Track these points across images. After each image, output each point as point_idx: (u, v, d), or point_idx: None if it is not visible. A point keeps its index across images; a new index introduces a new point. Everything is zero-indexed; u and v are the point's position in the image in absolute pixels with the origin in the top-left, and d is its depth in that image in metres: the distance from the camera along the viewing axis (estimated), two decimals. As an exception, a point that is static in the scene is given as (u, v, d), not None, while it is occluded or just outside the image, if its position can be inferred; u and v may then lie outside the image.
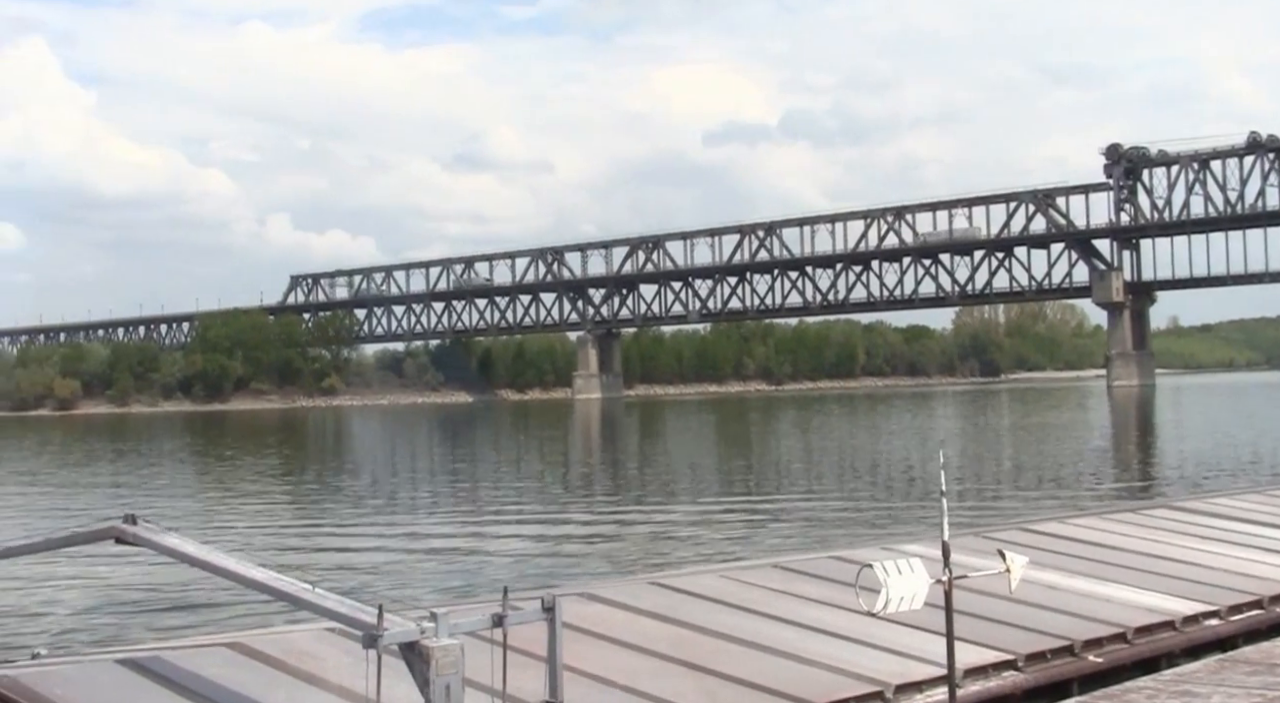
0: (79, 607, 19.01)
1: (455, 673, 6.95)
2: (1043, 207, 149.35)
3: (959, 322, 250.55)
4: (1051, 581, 11.72)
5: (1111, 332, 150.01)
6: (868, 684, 9.37)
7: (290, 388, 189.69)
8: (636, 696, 8.93)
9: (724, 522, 29.24)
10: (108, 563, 21.53)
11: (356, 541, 27.95)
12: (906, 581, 6.63)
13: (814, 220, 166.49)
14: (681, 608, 10.85)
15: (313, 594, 7.73)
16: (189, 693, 8.34)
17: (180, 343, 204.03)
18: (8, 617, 17.74)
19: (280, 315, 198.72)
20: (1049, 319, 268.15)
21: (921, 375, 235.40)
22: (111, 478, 50.83)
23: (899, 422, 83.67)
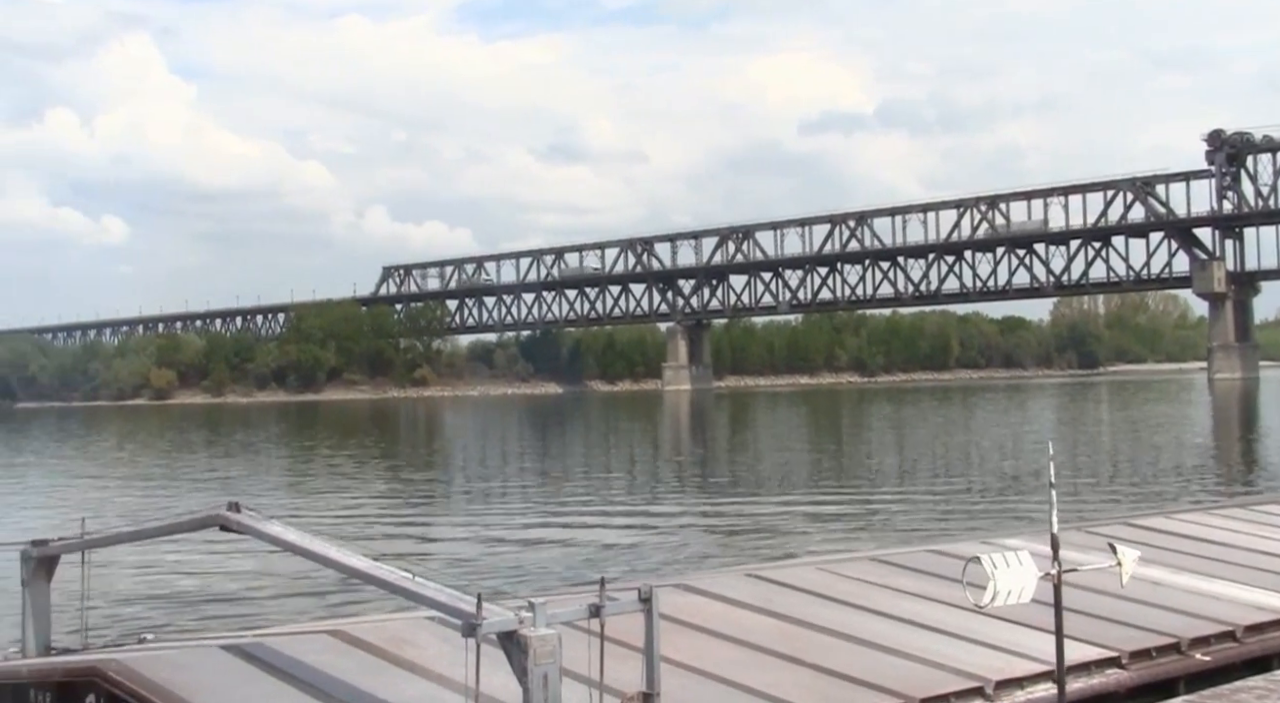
0: (184, 593, 19.33)
1: (553, 663, 6.95)
2: (1141, 195, 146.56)
3: (1057, 313, 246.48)
4: (1157, 577, 11.49)
5: (1213, 323, 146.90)
6: (968, 680, 9.24)
7: (382, 378, 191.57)
8: (733, 687, 8.88)
9: (816, 515, 29.07)
10: (212, 550, 21.87)
11: (450, 530, 28.14)
12: (1014, 574, 6.52)
13: (906, 210, 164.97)
14: (778, 600, 10.78)
15: (412, 583, 7.77)
16: (291, 679, 8.42)
17: (275, 334, 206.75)
18: (116, 602, 18.06)
19: (373, 306, 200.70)
20: (1150, 310, 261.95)
21: (1017, 367, 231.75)
22: (208, 467, 51.65)
23: (993, 415, 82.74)
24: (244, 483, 42.45)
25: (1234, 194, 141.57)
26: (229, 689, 8.24)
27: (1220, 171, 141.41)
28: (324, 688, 8.31)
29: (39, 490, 42.40)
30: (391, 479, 44.08)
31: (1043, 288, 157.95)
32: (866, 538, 23.89)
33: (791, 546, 23.29)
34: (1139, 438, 55.02)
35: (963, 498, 32.48)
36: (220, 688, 8.22)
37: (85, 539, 10.07)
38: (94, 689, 8.31)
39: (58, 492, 41.44)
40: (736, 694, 8.79)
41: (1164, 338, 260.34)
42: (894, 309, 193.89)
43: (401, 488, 40.36)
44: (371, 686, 8.37)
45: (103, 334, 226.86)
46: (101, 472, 51.15)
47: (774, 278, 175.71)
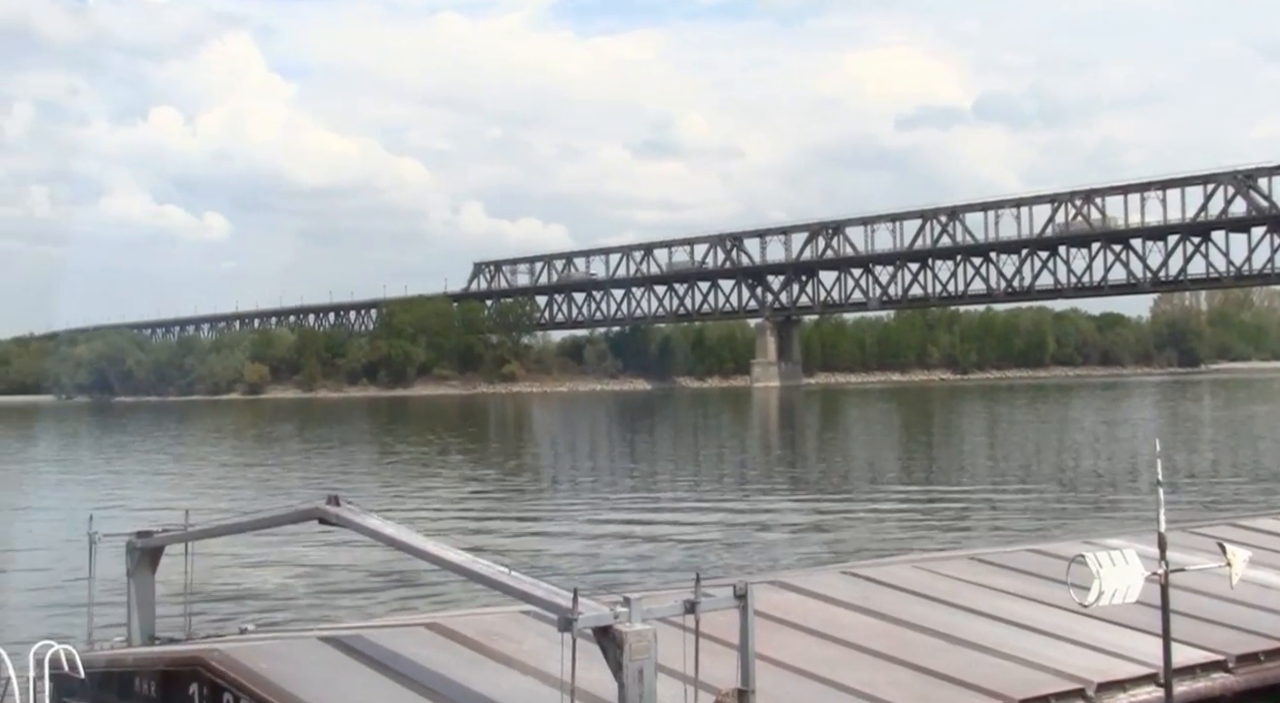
0: (284, 585, 19.61)
1: (648, 658, 6.94)
2: (1243, 188, 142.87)
3: (1157, 309, 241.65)
4: (1265, 579, 11.23)
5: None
6: (1068, 681, 9.09)
7: (471, 374, 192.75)
8: (829, 686, 8.81)
9: (908, 513, 28.86)
10: (312, 543, 22.17)
11: (541, 526, 28.28)
12: (1119, 573, 6.41)
13: (998, 205, 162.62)
14: (874, 598, 10.69)
15: (508, 577, 7.79)
16: (388, 671, 8.49)
17: (368, 330, 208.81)
18: (218, 593, 18.34)
19: (463, 302, 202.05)
20: (1255, 307, 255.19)
21: (1115, 365, 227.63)
22: (300, 462, 52.28)
23: (1089, 413, 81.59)
24: (336, 478, 42.96)
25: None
26: (327, 680, 8.32)
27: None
28: (420, 680, 8.37)
29: (141, 484, 43.19)
30: (482, 475, 44.37)
31: (1139, 284, 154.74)
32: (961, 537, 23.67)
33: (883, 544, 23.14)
34: (1239, 438, 53.97)
35: (1058, 497, 32.07)
36: (319, 679, 8.31)
37: (188, 531, 10.23)
38: (197, 679, 8.43)
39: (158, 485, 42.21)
40: (832, 693, 8.73)
41: (1269, 335, 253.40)
42: (987, 306, 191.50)
43: (492, 483, 40.63)
44: (467, 679, 8.41)
45: (200, 330, 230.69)
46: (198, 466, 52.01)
47: (864, 274, 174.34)
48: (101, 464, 53.94)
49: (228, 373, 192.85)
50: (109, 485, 41.77)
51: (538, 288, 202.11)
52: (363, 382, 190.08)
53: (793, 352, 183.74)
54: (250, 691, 8.05)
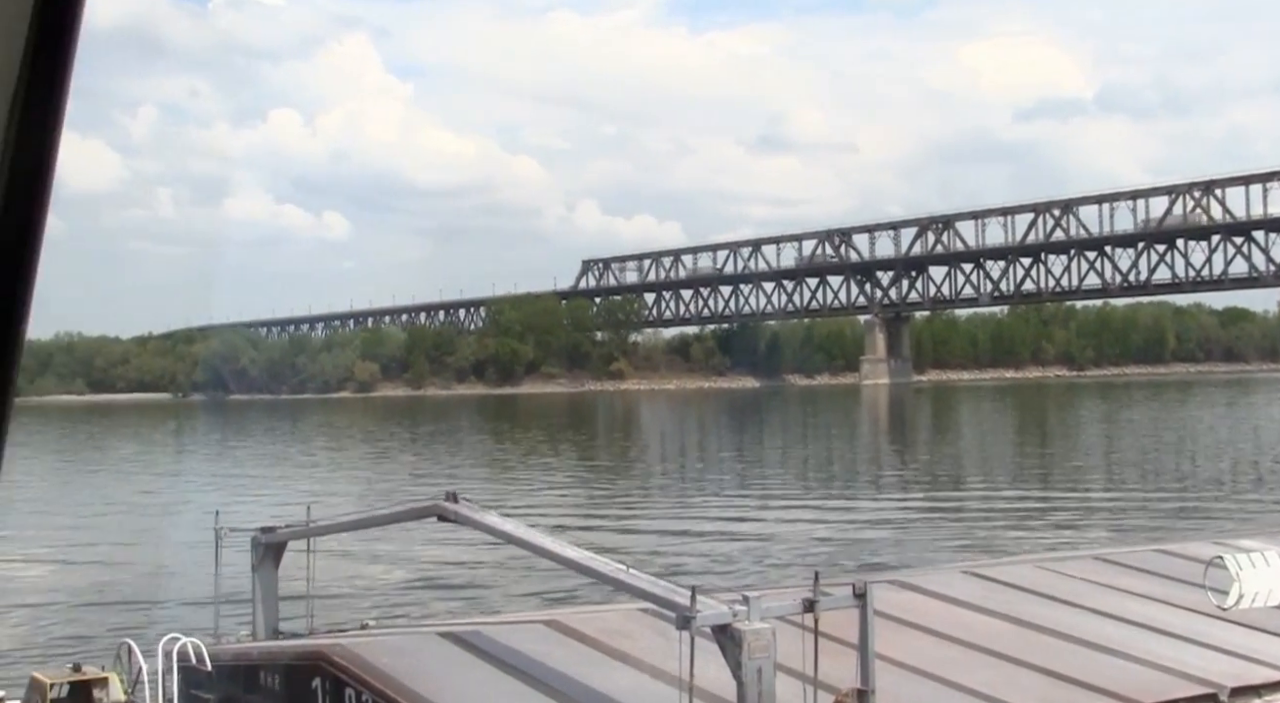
0: (404, 581, 19.82)
1: (767, 657, 6.89)
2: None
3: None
4: None
5: None
6: (1199, 686, 8.85)
7: (578, 372, 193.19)
8: (950, 687, 8.68)
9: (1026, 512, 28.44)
10: (430, 540, 22.39)
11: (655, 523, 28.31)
12: (1262, 576, 6.25)
13: (1114, 197, 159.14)
14: (997, 599, 10.52)
15: (626, 575, 7.79)
16: (506, 667, 8.53)
17: (478, 327, 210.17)
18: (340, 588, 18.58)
19: (571, 300, 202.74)
20: None
21: (1239, 361, 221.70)
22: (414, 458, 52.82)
23: (1212, 411, 79.71)
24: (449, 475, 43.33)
25: None
26: (447, 676, 8.37)
27: None
28: (539, 677, 8.39)
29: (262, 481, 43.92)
30: (593, 473, 44.51)
31: (1262, 277, 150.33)
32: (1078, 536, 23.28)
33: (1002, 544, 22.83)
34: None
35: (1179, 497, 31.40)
36: (439, 674, 8.36)
37: (310, 527, 10.37)
38: (319, 673, 8.53)
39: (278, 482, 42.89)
40: (953, 694, 8.60)
41: None
42: (1104, 301, 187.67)
43: (603, 481, 40.74)
44: (586, 676, 8.42)
45: (314, 328, 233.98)
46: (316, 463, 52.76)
47: (975, 268, 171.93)
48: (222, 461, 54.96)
49: (338, 371, 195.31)
50: (232, 482, 42.54)
51: (646, 285, 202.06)
52: (471, 380, 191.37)
53: (902, 348, 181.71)
54: (371, 685, 8.14)
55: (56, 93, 1.29)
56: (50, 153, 1.31)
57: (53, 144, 1.31)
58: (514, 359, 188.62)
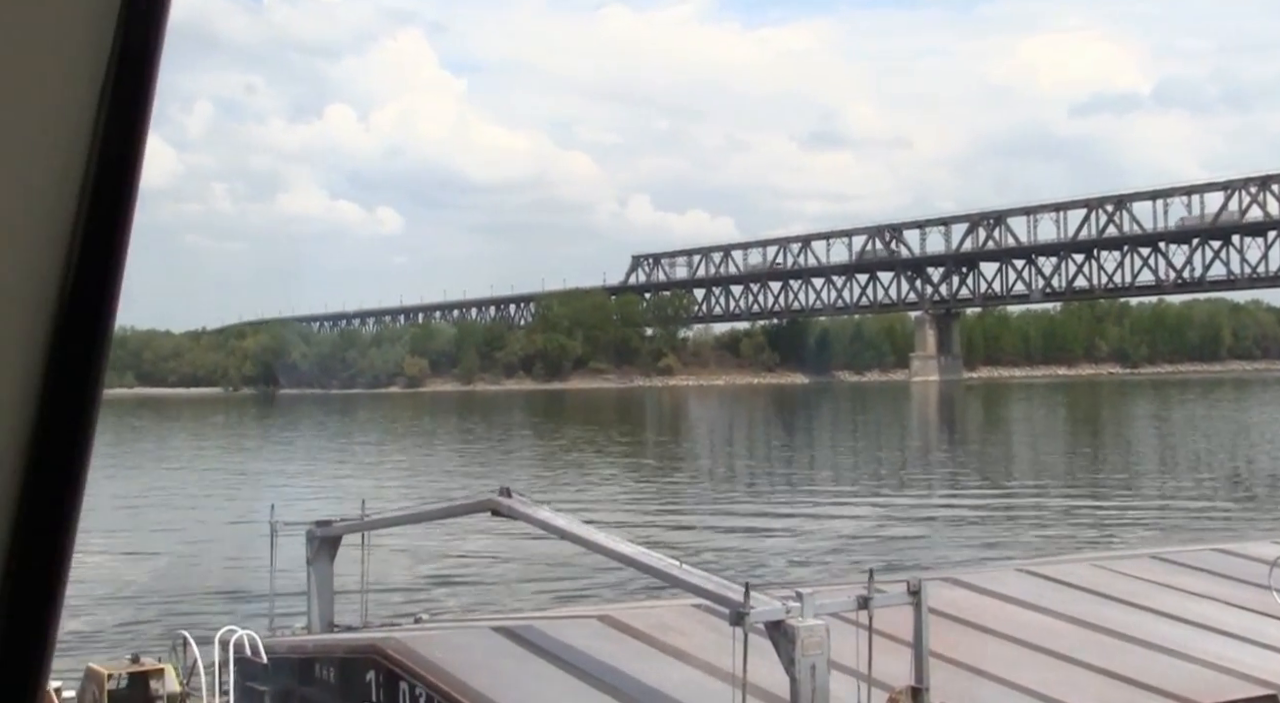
0: (457, 575, 19.90)
1: (821, 654, 6.88)
2: None
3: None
4: None
5: None
6: (1257, 686, 8.78)
7: (627, 367, 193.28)
8: (1005, 686, 8.65)
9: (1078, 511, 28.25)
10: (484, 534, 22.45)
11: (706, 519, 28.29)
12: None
13: (1168, 193, 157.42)
14: (1052, 597, 10.47)
15: (680, 571, 7.80)
16: (559, 662, 8.56)
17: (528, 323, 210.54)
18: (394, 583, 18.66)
19: (621, 295, 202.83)
20: None
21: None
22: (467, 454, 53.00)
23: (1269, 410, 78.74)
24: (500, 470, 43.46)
25: None
26: (500, 670, 8.41)
27: None
28: (591, 672, 8.42)
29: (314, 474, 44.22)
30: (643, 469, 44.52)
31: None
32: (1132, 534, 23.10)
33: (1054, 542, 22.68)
34: None
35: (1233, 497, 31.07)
36: (492, 668, 8.40)
37: (365, 521, 10.43)
38: (374, 666, 8.59)
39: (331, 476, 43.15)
40: (1009, 693, 8.57)
41: None
42: (1159, 297, 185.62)
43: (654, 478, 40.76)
44: (639, 671, 8.44)
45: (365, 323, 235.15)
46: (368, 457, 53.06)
47: (1026, 265, 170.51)
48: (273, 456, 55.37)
49: (388, 366, 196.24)
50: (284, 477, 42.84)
51: (695, 281, 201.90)
52: (519, 375, 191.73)
53: (952, 345, 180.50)
54: (425, 679, 8.18)
55: (143, 89, 1.30)
56: (137, 150, 1.32)
57: (139, 141, 1.32)
58: (562, 355, 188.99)
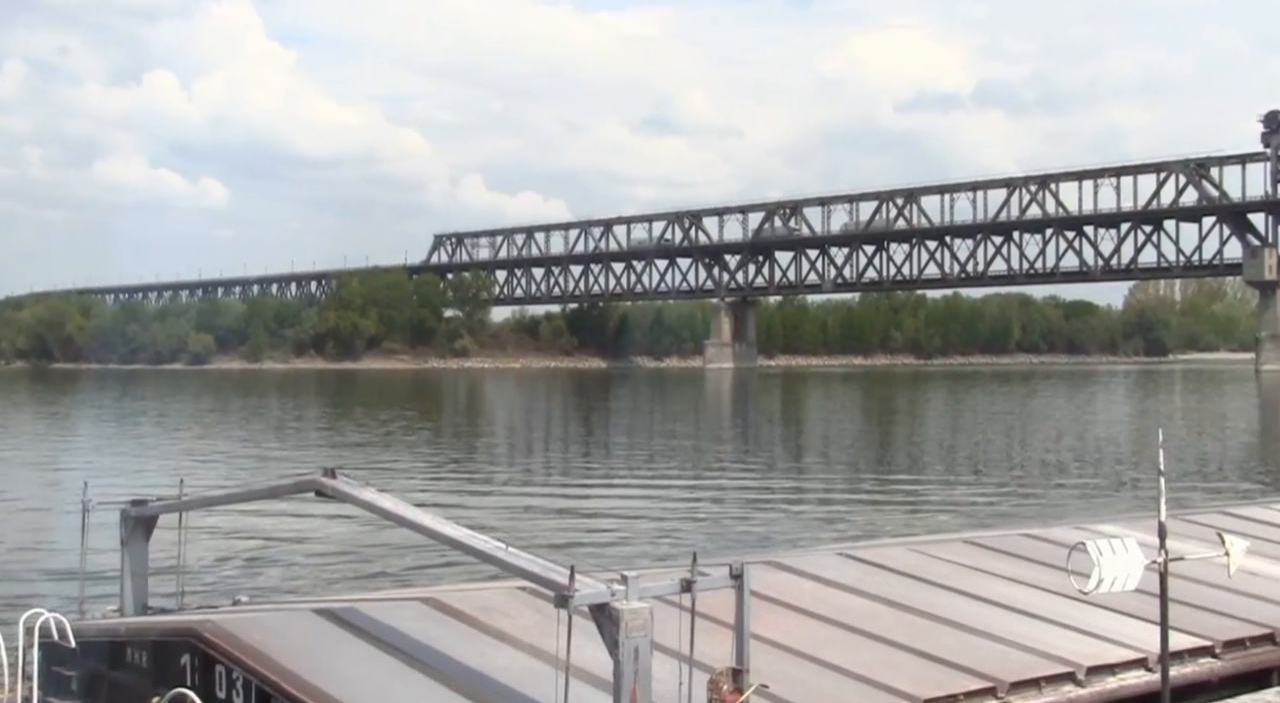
0: (278, 557, 19.48)
1: (644, 636, 6.92)
2: (1194, 177, 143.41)
3: (1131, 298, 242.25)
4: (1255, 567, 11.31)
5: (1262, 312, 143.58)
6: (1059, 664, 9.16)
7: (423, 348, 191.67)
8: (823, 667, 8.83)
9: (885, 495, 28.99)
10: (307, 516, 22.06)
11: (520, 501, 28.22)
12: (1120, 561, 6.46)
13: (954, 188, 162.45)
14: (869, 580, 10.72)
15: (505, 553, 7.75)
16: (383, 644, 8.43)
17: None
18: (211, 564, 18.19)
19: (421, 275, 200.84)
20: (1228, 297, 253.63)
21: (1081, 353, 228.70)
22: (255, 435, 51.84)
23: (1056, 401, 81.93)
24: (294, 452, 42.70)
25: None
26: (321, 653, 8.24)
27: (1275, 155, 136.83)
28: (415, 655, 8.32)
29: (94, 452, 42.76)
30: (444, 451, 44.19)
31: (1090, 272, 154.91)
32: (935, 520, 23.83)
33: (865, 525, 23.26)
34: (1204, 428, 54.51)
35: (1030, 483, 32.23)
36: (313, 651, 8.23)
37: (184, 500, 10.11)
38: (189, 650, 8.34)
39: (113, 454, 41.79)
40: (826, 673, 8.74)
41: (1240, 327, 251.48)
42: (954, 290, 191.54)
43: (455, 460, 40.48)
44: (463, 654, 8.37)
45: (149, 297, 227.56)
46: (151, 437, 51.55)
47: (820, 255, 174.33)
48: (49, 433, 53.43)
49: (171, 342, 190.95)
50: (81, 453, 41.35)
51: (497, 262, 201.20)
52: (310, 354, 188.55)
53: (748, 333, 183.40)
54: (242, 662, 7.98)
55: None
56: None
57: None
58: (355, 333, 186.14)
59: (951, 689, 8.61)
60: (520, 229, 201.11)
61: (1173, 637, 9.14)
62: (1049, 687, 8.96)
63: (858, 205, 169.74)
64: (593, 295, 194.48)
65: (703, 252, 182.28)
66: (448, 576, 15.13)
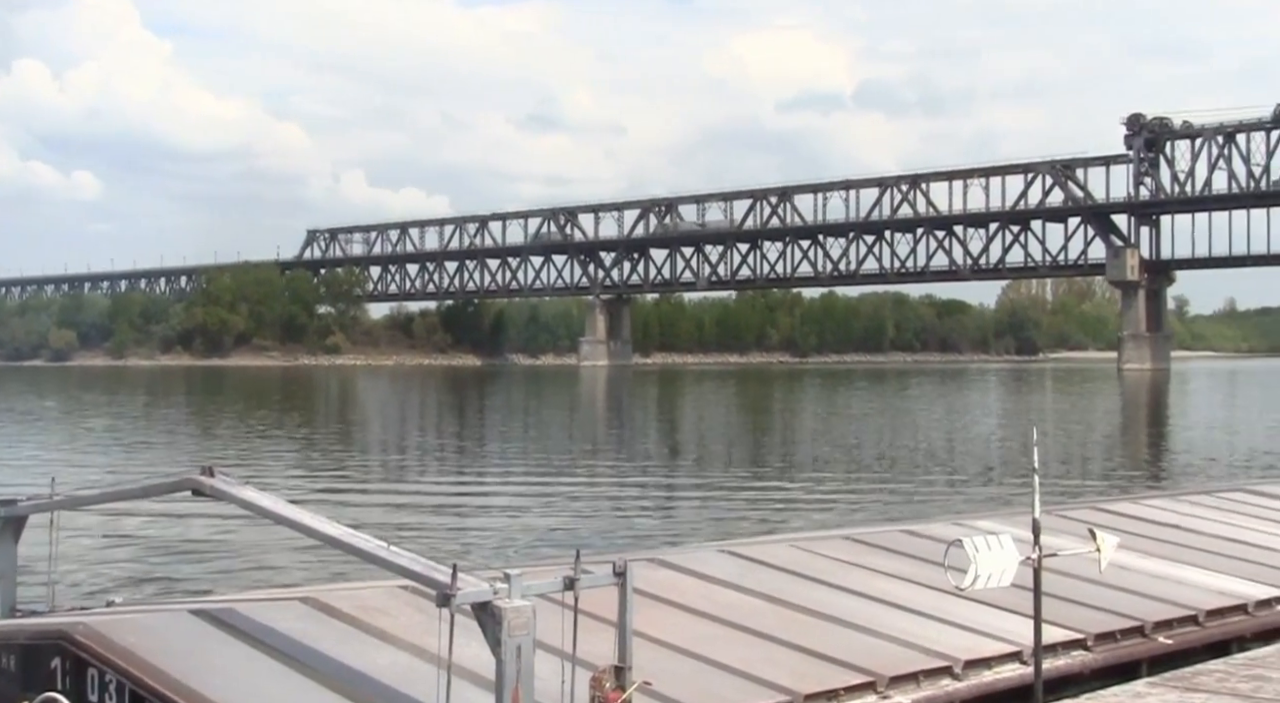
0: (154, 557, 19.02)
1: (527, 635, 6.91)
2: (1060, 179, 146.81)
3: (1004, 297, 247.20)
4: (1125, 561, 11.61)
5: (1125, 312, 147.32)
6: (937, 659, 9.32)
7: (294, 345, 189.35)
8: (705, 663, 8.87)
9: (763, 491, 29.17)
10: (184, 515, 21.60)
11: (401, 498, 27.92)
12: (995, 557, 6.58)
13: (827, 187, 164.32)
14: (752, 577, 10.79)
15: (387, 552, 7.69)
16: (261, 645, 8.30)
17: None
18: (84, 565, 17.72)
19: (293, 270, 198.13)
20: (1098, 297, 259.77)
21: (954, 352, 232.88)
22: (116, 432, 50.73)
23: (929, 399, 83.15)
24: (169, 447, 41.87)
25: (1151, 180, 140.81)
26: (198, 654, 8.08)
27: (1138, 157, 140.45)
28: (295, 655, 8.20)
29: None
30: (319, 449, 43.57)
31: (960, 271, 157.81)
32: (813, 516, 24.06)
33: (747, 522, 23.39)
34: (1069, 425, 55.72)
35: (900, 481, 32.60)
36: (189, 653, 8.06)
37: (56, 500, 9.85)
38: (60, 653, 8.11)
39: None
40: (708, 670, 8.78)
41: (1109, 326, 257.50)
42: (830, 288, 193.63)
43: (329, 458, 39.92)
44: (343, 654, 8.27)
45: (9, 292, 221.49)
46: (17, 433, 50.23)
47: (695, 253, 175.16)
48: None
49: (32, 337, 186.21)
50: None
51: (371, 258, 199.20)
52: (177, 350, 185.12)
53: (623, 330, 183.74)
54: (116, 665, 7.78)
55: None
56: None
57: None
58: (223, 330, 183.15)
59: (832, 684, 8.71)
60: (395, 225, 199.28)
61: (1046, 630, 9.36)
62: (927, 681, 9.10)
63: (732, 204, 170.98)
64: (468, 292, 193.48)
65: (578, 248, 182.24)
66: (328, 575, 14.92)
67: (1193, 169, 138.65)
